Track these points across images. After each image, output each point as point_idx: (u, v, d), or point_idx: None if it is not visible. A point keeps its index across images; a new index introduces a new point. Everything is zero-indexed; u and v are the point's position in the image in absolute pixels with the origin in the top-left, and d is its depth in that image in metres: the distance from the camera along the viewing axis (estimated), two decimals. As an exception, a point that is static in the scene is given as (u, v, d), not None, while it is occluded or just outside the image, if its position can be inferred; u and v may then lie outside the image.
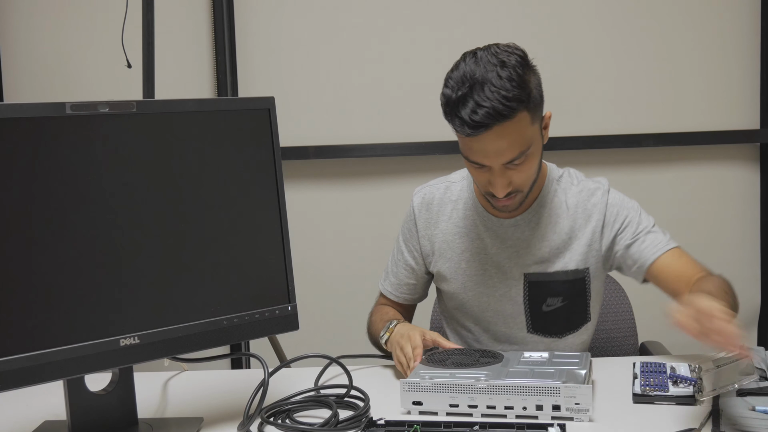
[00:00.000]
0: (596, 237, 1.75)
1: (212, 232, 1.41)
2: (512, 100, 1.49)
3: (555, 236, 1.74)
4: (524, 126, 1.54)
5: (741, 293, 2.53)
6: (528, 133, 1.56)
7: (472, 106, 1.49)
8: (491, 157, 1.55)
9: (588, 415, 1.38)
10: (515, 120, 1.51)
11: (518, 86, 1.50)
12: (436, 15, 2.80)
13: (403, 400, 1.44)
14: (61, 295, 1.27)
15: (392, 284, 1.88)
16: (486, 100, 1.49)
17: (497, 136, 1.52)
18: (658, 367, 1.54)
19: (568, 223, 1.75)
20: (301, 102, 2.83)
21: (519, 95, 1.50)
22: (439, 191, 1.83)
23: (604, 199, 1.76)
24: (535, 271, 1.75)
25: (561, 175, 1.79)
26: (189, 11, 2.84)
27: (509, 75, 1.50)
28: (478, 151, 1.56)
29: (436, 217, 1.81)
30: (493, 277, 1.77)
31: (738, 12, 2.79)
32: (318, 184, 2.89)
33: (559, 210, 1.75)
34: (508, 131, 1.52)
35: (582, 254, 1.74)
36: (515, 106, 1.50)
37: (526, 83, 1.53)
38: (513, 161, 1.56)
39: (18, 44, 2.87)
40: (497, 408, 1.40)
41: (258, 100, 1.47)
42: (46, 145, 1.26)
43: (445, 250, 1.80)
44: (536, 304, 1.76)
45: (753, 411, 1.33)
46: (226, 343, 1.43)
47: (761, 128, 2.81)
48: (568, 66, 2.79)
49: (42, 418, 1.50)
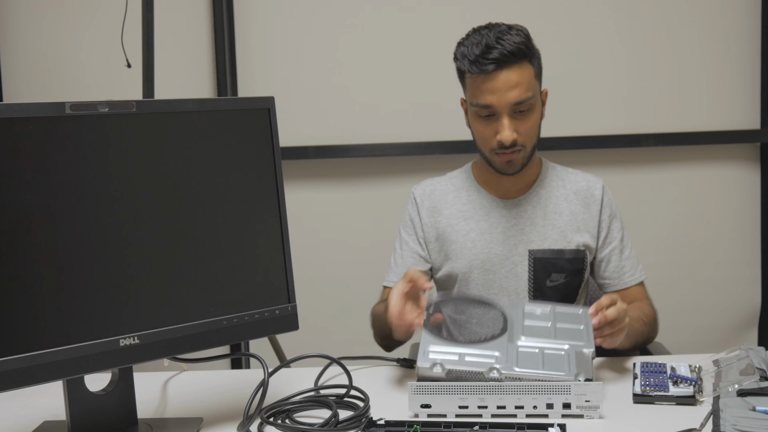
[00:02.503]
0: (593, 224, 1.85)
1: (212, 232, 1.41)
2: (521, 44, 1.70)
3: (557, 216, 1.84)
4: (529, 76, 1.73)
5: (741, 293, 2.54)
6: (533, 84, 1.74)
7: (487, 46, 1.70)
8: (501, 93, 1.70)
9: (598, 412, 1.38)
10: (523, 65, 1.71)
11: (526, 41, 1.73)
12: (436, 15, 2.80)
13: (411, 403, 1.42)
14: (61, 295, 1.27)
15: (398, 275, 1.87)
16: (499, 43, 1.69)
17: (507, 76, 1.70)
18: (658, 367, 1.54)
19: (568, 206, 1.86)
20: (301, 102, 2.83)
21: (528, 46, 1.73)
22: (440, 183, 1.94)
23: (601, 195, 1.88)
24: (540, 247, 1.83)
25: (554, 165, 1.92)
26: (189, 11, 2.83)
27: (518, 33, 1.73)
28: (488, 91, 1.71)
29: (440, 205, 1.90)
30: (499, 254, 1.84)
31: (738, 12, 2.78)
32: (318, 184, 2.89)
33: (557, 192, 1.87)
34: (517, 73, 1.70)
35: (581, 236, 1.84)
36: (525, 52, 1.71)
37: (531, 42, 1.75)
38: (519, 104, 1.71)
39: (18, 44, 2.87)
40: (507, 408, 1.39)
41: (258, 100, 1.47)
42: (46, 145, 1.25)
43: (449, 233, 1.87)
44: (540, 280, 1.83)
45: (753, 411, 1.33)
46: (226, 343, 1.43)
47: (761, 128, 2.81)
48: (568, 66, 2.79)
49: (42, 418, 1.50)
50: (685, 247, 2.89)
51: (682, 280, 2.88)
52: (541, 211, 1.85)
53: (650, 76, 2.81)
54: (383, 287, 1.94)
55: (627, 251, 1.89)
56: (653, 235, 2.82)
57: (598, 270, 1.89)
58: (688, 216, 2.87)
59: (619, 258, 1.87)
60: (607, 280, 1.89)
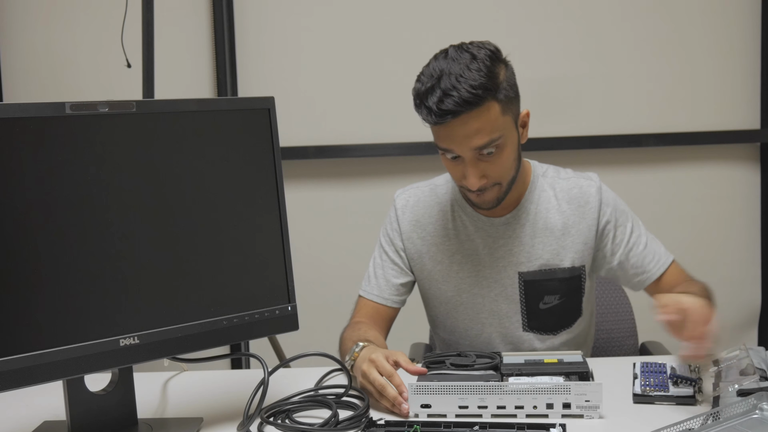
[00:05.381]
0: (591, 236, 1.74)
1: (212, 232, 1.41)
2: (479, 88, 1.51)
3: (548, 233, 1.73)
4: (493, 116, 1.55)
5: (741, 293, 2.54)
6: (498, 123, 1.56)
7: (440, 95, 1.52)
8: (459, 142, 1.56)
9: (598, 412, 1.38)
10: (483, 108, 1.53)
11: (486, 76, 1.53)
12: (436, 15, 2.80)
13: (412, 403, 1.41)
14: (61, 295, 1.27)
15: (378, 287, 1.81)
16: (453, 90, 1.51)
17: (464, 123, 1.53)
18: (658, 367, 1.54)
19: (561, 219, 1.74)
20: (301, 102, 2.83)
21: (486, 84, 1.52)
22: (424, 193, 1.82)
23: (598, 197, 1.75)
24: (529, 269, 1.74)
25: (545, 170, 1.79)
26: (189, 11, 2.84)
27: (478, 67, 1.53)
28: (445, 138, 1.57)
29: (423, 219, 1.79)
30: (488, 277, 1.76)
31: (738, 12, 2.78)
32: (318, 184, 2.89)
33: (548, 205, 1.75)
34: (476, 118, 1.53)
35: (578, 252, 1.74)
36: (482, 94, 1.52)
37: (494, 75, 1.55)
38: (482, 149, 1.56)
39: (18, 44, 2.87)
40: (507, 408, 1.39)
41: (258, 100, 1.47)
42: (46, 145, 1.25)
43: (435, 253, 1.78)
44: (533, 303, 1.75)
45: (753, 411, 1.33)
46: (226, 343, 1.43)
47: (761, 128, 2.81)
48: (568, 66, 2.79)
49: (42, 418, 1.50)
50: (685, 246, 2.89)
51: (682, 280, 2.88)
52: (530, 229, 1.73)
53: (650, 77, 2.81)
54: (359, 296, 1.84)
55: (643, 241, 1.75)
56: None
57: (624, 274, 1.77)
58: (687, 216, 2.88)
59: (636, 254, 1.74)
60: (636, 278, 1.76)
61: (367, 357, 1.51)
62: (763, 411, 1.27)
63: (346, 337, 1.71)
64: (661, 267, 1.75)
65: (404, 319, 1.89)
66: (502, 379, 1.44)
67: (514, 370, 1.48)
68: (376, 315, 1.80)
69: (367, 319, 1.79)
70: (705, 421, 1.26)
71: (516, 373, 1.47)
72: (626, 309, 2.13)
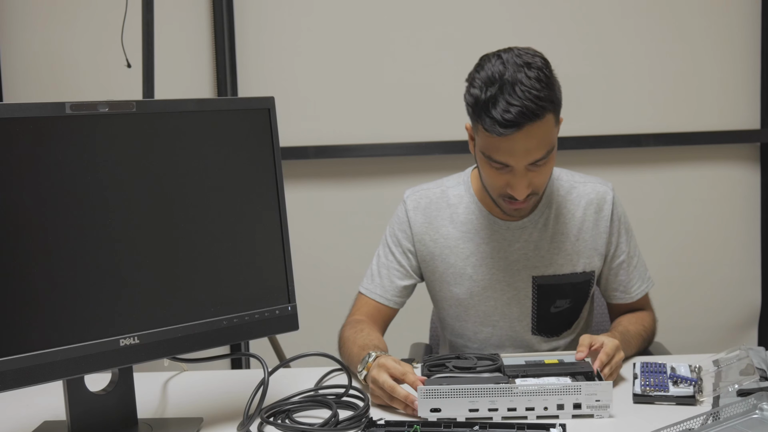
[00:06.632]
0: (602, 242, 1.75)
1: (212, 232, 1.41)
2: (543, 100, 1.50)
3: (563, 237, 1.73)
4: (550, 127, 1.55)
5: (741, 293, 2.54)
6: (553, 134, 1.56)
7: (504, 106, 1.49)
8: (518, 156, 1.53)
9: (608, 411, 1.38)
10: (544, 120, 1.52)
11: (546, 87, 1.52)
12: (436, 15, 2.80)
13: (421, 407, 1.39)
14: (61, 295, 1.27)
15: (381, 286, 1.79)
16: (518, 99, 1.48)
17: (526, 136, 1.51)
18: (658, 367, 1.54)
19: (576, 224, 1.73)
20: (301, 102, 2.83)
21: (548, 95, 1.51)
22: (435, 194, 1.79)
23: (612, 205, 1.75)
24: (544, 273, 1.73)
25: (559, 174, 1.78)
26: (189, 11, 2.84)
27: (537, 75, 1.51)
28: (505, 151, 1.53)
29: (435, 221, 1.77)
30: (501, 281, 1.74)
31: (738, 12, 2.78)
32: (318, 184, 2.89)
33: (565, 209, 1.74)
34: (537, 131, 1.51)
35: (588, 257, 1.74)
36: (546, 106, 1.51)
37: (552, 84, 1.54)
38: (537, 162, 1.55)
39: (18, 44, 2.87)
40: (518, 410, 1.38)
41: (258, 100, 1.47)
42: (46, 145, 1.25)
43: (447, 255, 1.76)
44: (544, 306, 1.75)
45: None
46: (226, 343, 1.43)
47: (761, 128, 2.81)
48: (568, 66, 2.78)
49: (42, 419, 1.50)
50: (685, 247, 2.89)
51: (682, 280, 2.89)
52: (547, 233, 1.72)
53: (651, 77, 2.81)
54: (359, 293, 1.82)
55: (635, 261, 1.79)
56: (653, 235, 2.82)
57: (606, 282, 1.80)
58: (687, 216, 2.88)
59: (627, 271, 1.78)
60: (614, 293, 1.80)
61: (377, 364, 1.50)
62: (763, 411, 1.27)
63: (347, 338, 1.69)
64: (640, 293, 1.81)
65: (404, 319, 1.88)
66: (508, 381, 1.44)
67: (518, 371, 1.48)
68: (376, 314, 1.79)
69: (366, 317, 1.78)
70: (705, 421, 1.26)
71: (521, 375, 1.47)
72: (626, 309, 2.13)
